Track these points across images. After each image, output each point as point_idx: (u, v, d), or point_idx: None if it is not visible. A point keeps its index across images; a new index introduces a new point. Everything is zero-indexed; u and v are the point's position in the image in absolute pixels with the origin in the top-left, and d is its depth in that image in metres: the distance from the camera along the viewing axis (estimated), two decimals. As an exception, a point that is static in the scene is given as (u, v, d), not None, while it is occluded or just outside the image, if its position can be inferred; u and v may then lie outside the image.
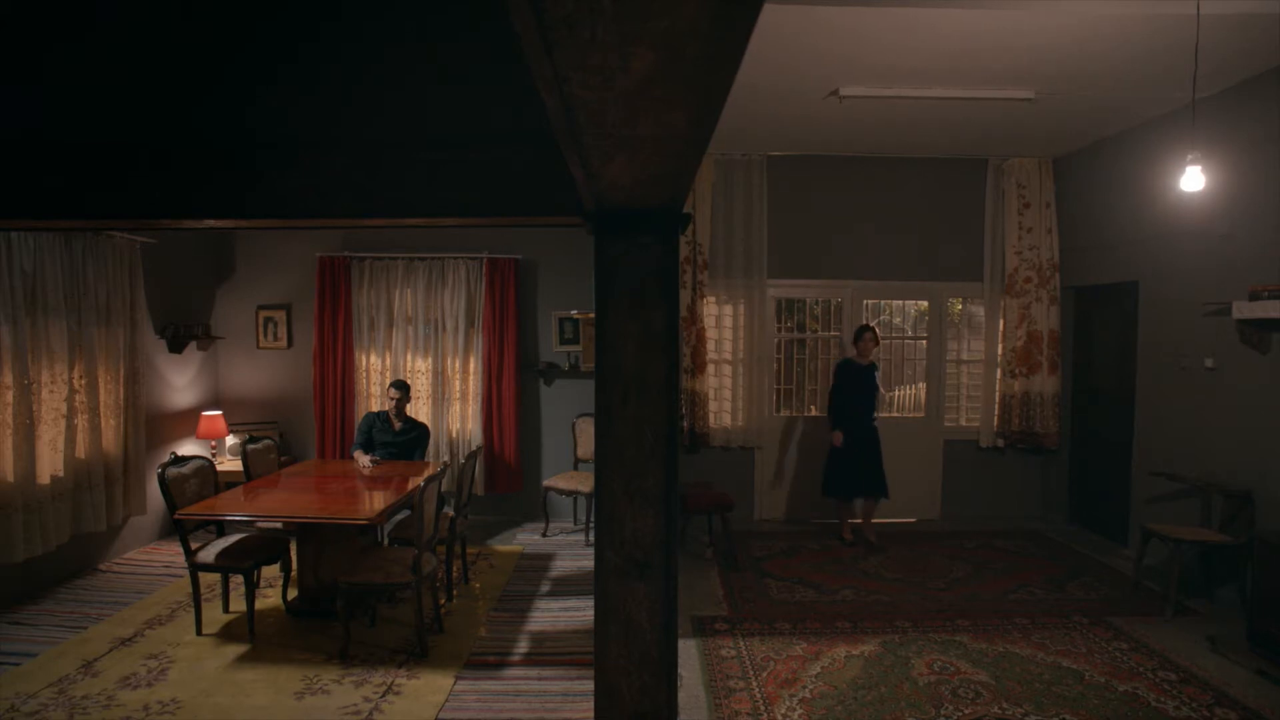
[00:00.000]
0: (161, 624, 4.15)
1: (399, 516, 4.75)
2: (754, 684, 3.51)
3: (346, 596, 3.74)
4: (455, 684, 3.51)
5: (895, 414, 6.68)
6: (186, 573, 4.84)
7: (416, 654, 3.78)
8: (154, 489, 5.39)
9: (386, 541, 4.69)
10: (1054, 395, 6.26)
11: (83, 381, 4.80)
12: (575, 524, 6.20)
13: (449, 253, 6.14)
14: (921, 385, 6.72)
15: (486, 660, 3.78)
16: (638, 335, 2.49)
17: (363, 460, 4.97)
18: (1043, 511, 6.47)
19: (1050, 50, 4.04)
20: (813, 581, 4.94)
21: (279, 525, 4.66)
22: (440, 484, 3.97)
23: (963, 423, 6.61)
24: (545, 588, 4.82)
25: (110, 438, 5.05)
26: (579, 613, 4.40)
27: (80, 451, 4.80)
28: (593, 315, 4.59)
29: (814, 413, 6.54)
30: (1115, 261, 5.61)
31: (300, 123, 2.45)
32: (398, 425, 5.36)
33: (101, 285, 4.93)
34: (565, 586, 4.85)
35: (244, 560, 3.97)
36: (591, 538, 5.79)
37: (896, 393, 6.96)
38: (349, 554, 4.25)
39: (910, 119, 5.27)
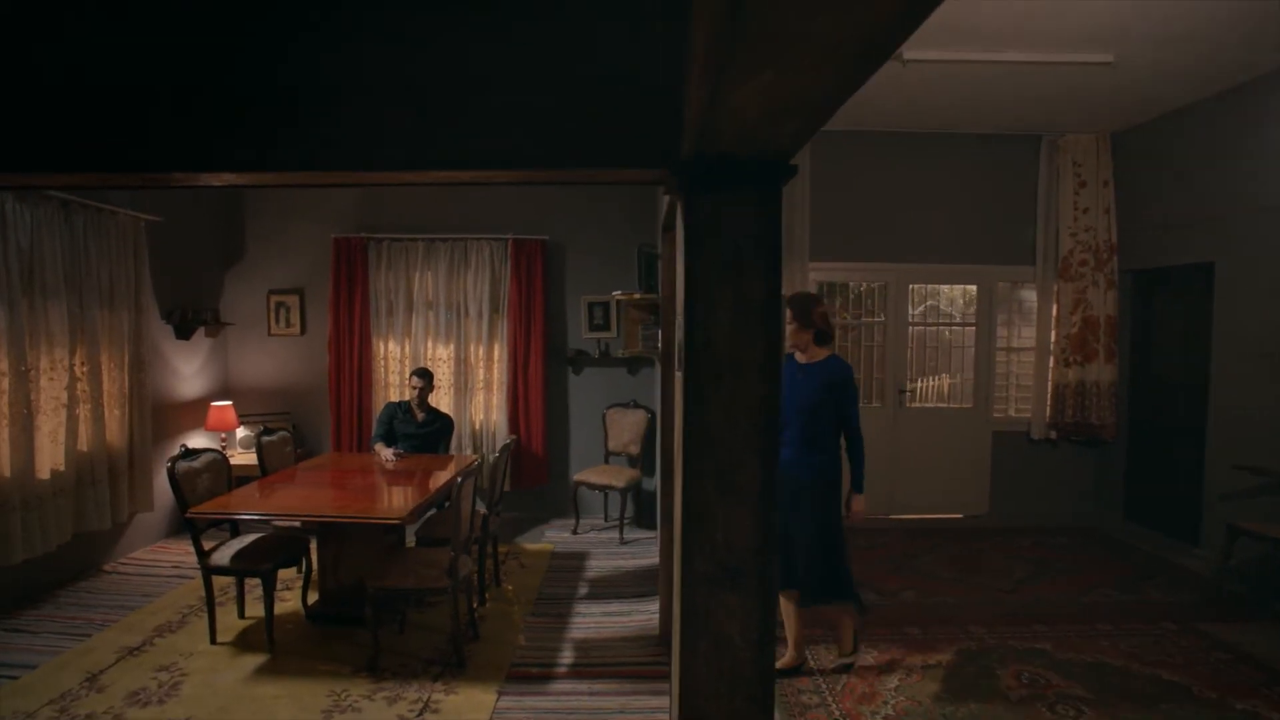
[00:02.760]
0: (172, 631, 3.82)
1: (427, 514, 4.41)
2: (829, 699, 3.18)
3: (375, 602, 3.41)
4: (498, 700, 3.18)
5: (941, 405, 6.33)
6: (197, 574, 4.52)
7: (453, 665, 3.45)
8: (161, 484, 5.06)
9: (413, 541, 4.36)
10: (1110, 385, 5.91)
11: (84, 368, 4.46)
12: (606, 520, 5.86)
13: (472, 233, 5.79)
14: (946, 376, 6.38)
15: (529, 672, 3.45)
16: (732, 306, 2.14)
17: (385, 453, 4.64)
18: (1097, 507, 6.13)
19: (1134, 7, 3.67)
20: (867, 581, 4.61)
21: (297, 524, 4.32)
22: (476, 480, 3.64)
23: (1012, 413, 6.27)
24: (582, 590, 4.49)
25: (114, 429, 4.71)
26: (623, 618, 4.07)
27: (82, 444, 4.46)
28: (637, 295, 4.28)
29: (856, 403, 6.19)
30: (1185, 242, 5.26)
31: (337, 63, 2.10)
32: (420, 416, 5.03)
33: (104, 265, 4.58)
34: (603, 589, 4.52)
35: (262, 562, 3.64)
36: (626, 535, 5.47)
37: (939, 382, 6.60)
38: (374, 555, 3.92)
39: (964, 92, 4.93)
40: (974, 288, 6.21)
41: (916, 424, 6.17)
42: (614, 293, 4.48)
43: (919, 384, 6.48)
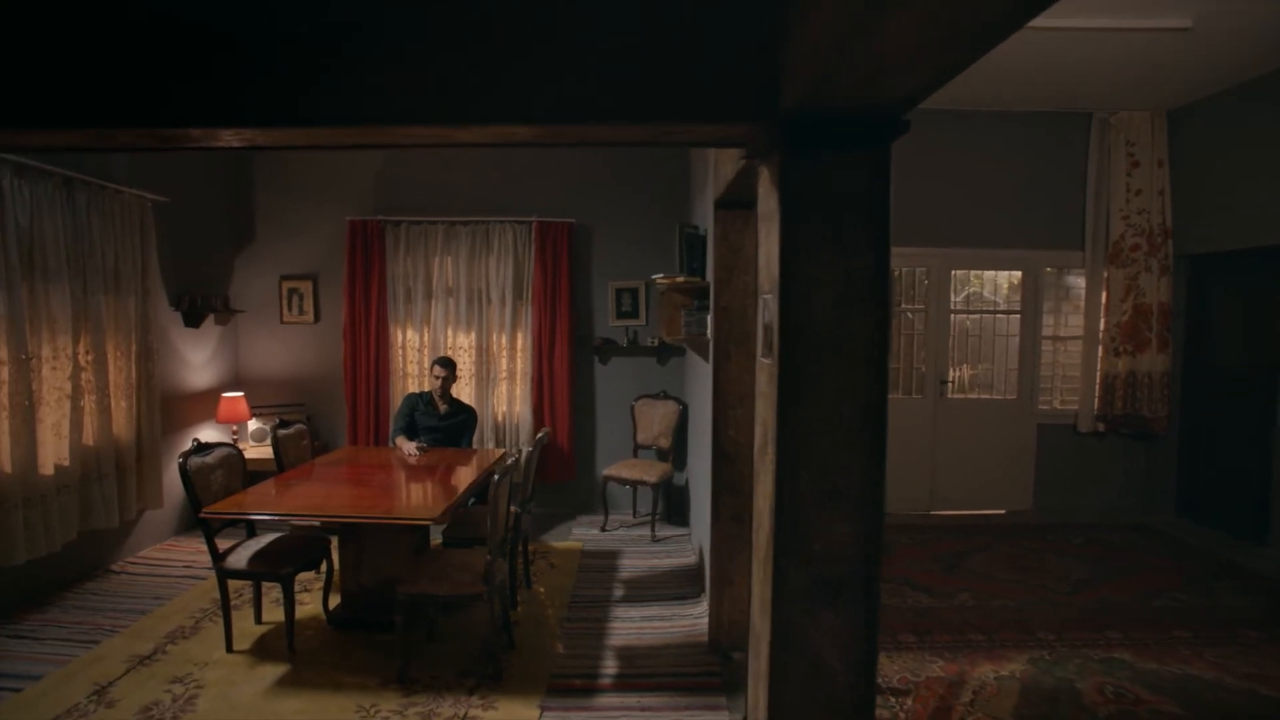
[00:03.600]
0: (185, 637, 3.57)
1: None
2: (900, 714, 2.92)
3: (406, 610, 3.16)
4: (541, 715, 2.93)
5: (984, 396, 6.05)
6: (210, 573, 4.31)
7: (489, 676, 3.19)
8: (170, 479, 4.82)
9: (437, 539, 4.10)
10: (1163, 375, 5.64)
11: (89, 357, 4.20)
12: (635, 516, 5.61)
13: (495, 216, 5.51)
14: (967, 366, 6.10)
15: (571, 684, 3.19)
16: (836, 282, 1.86)
17: (408, 447, 4.38)
18: (1146, 503, 5.86)
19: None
20: (920, 583, 4.35)
21: (316, 523, 4.07)
22: (512, 477, 3.37)
23: (1057, 405, 6.00)
24: (618, 592, 4.24)
25: (121, 421, 4.46)
26: (665, 622, 3.82)
27: (88, 437, 4.21)
28: (680, 279, 3.98)
29: (896, 395, 5.92)
30: (1250, 224, 4.96)
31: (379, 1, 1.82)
32: (443, 407, 4.77)
33: (109, 247, 4.31)
34: (640, 591, 4.26)
35: (281, 565, 3.38)
36: (658, 532, 5.22)
37: (964, 372, 6.29)
38: (399, 557, 3.67)
39: (1013, 65, 4.63)
40: (1019, 273, 5.93)
41: (958, 416, 5.91)
42: (654, 276, 4.20)
43: (959, 374, 6.19)
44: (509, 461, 3.32)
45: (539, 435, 3.92)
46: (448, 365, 4.70)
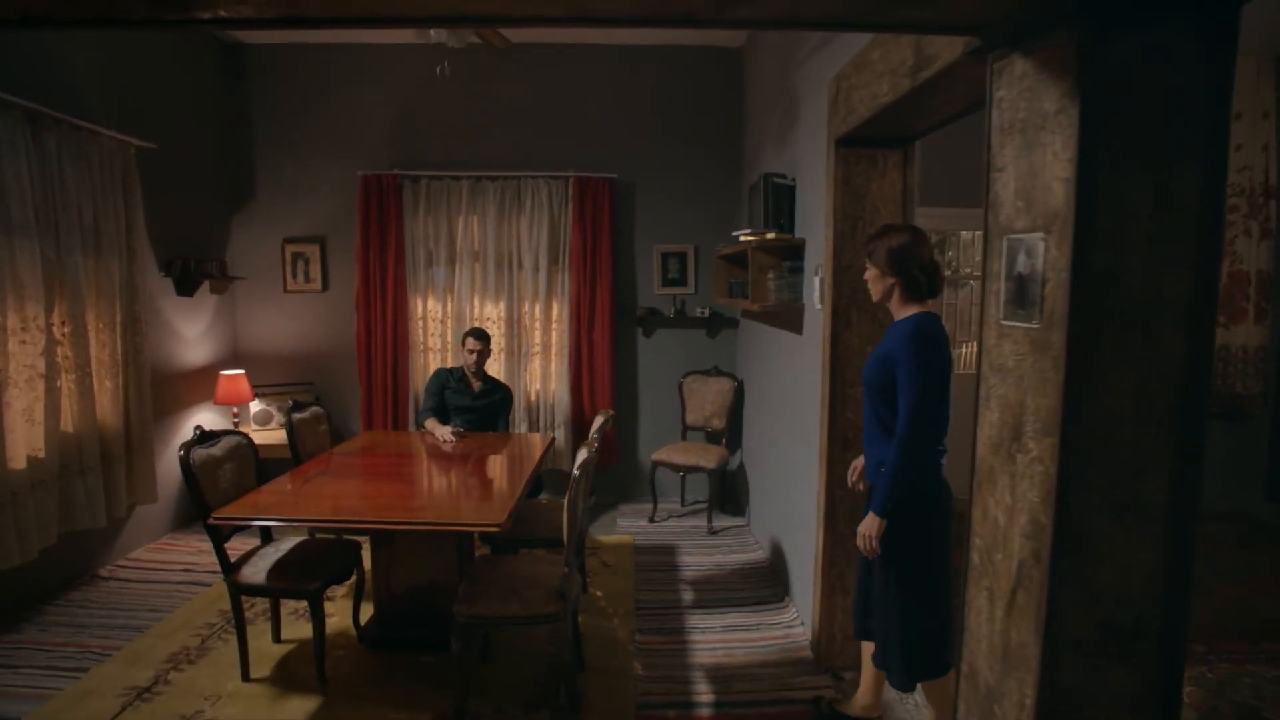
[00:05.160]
0: (190, 661, 3.01)
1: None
2: (1074, 760, 2.42)
3: (463, 633, 2.60)
4: (638, 763, 2.41)
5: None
6: (213, 578, 3.78)
7: (564, 708, 2.66)
8: (164, 469, 4.24)
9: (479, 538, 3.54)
10: (1259, 349, 5.15)
11: (66, 329, 3.57)
12: (683, 504, 5.08)
13: (527, 171, 4.87)
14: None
15: (664, 716, 2.67)
16: (1149, 212, 1.29)
17: (441, 432, 3.82)
18: (1233, 488, 5.41)
19: None
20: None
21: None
22: (589, 472, 2.80)
23: (1138, 382, 5.51)
24: (687, 596, 3.72)
25: (106, 403, 3.84)
26: (752, 633, 3.30)
27: (67, 423, 3.59)
28: (770, 236, 3.38)
29: (960, 370, 5.40)
30: (1377, 179, 4.45)
31: None
32: (477, 385, 4.20)
33: (86, 199, 3.66)
34: (711, 594, 3.74)
35: (308, 580, 2.81)
36: (716, 523, 4.69)
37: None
38: (444, 563, 3.12)
39: None
40: (1101, 237, 5.40)
41: (1032, 394, 5.39)
42: (739, 233, 3.61)
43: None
44: (581, 456, 2.74)
45: (602, 420, 3.35)
46: (482, 338, 4.12)
